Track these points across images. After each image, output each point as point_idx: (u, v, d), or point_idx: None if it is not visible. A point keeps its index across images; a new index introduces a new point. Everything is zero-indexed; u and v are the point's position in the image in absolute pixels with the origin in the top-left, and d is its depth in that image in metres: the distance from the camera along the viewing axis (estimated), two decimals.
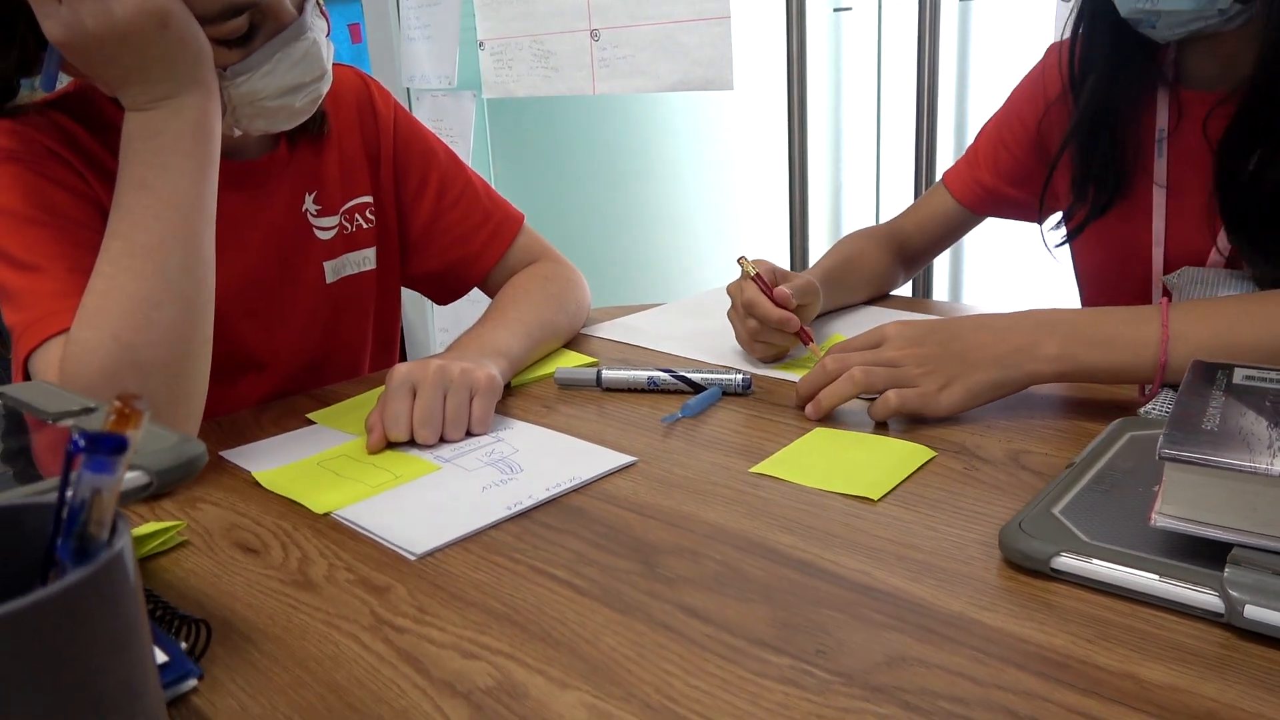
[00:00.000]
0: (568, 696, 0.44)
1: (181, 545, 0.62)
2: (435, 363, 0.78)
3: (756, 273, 0.90)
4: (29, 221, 0.76)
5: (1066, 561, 0.50)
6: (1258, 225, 0.80)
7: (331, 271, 0.98)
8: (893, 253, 1.12)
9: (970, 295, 1.86)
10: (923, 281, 1.77)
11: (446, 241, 1.05)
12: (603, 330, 1.07)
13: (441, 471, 0.70)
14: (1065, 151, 0.94)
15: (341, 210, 0.98)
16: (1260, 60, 0.76)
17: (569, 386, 0.88)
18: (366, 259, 1.01)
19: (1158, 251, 0.90)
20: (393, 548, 0.60)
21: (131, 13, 0.67)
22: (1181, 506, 0.49)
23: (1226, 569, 0.46)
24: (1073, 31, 0.92)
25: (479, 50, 2.14)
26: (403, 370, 0.77)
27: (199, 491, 0.70)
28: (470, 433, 0.77)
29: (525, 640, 0.49)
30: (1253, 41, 0.77)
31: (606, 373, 0.87)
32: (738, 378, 0.83)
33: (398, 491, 0.68)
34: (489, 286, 1.08)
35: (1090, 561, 0.50)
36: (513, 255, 1.07)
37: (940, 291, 1.84)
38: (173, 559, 0.60)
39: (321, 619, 0.52)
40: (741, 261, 0.92)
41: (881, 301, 1.13)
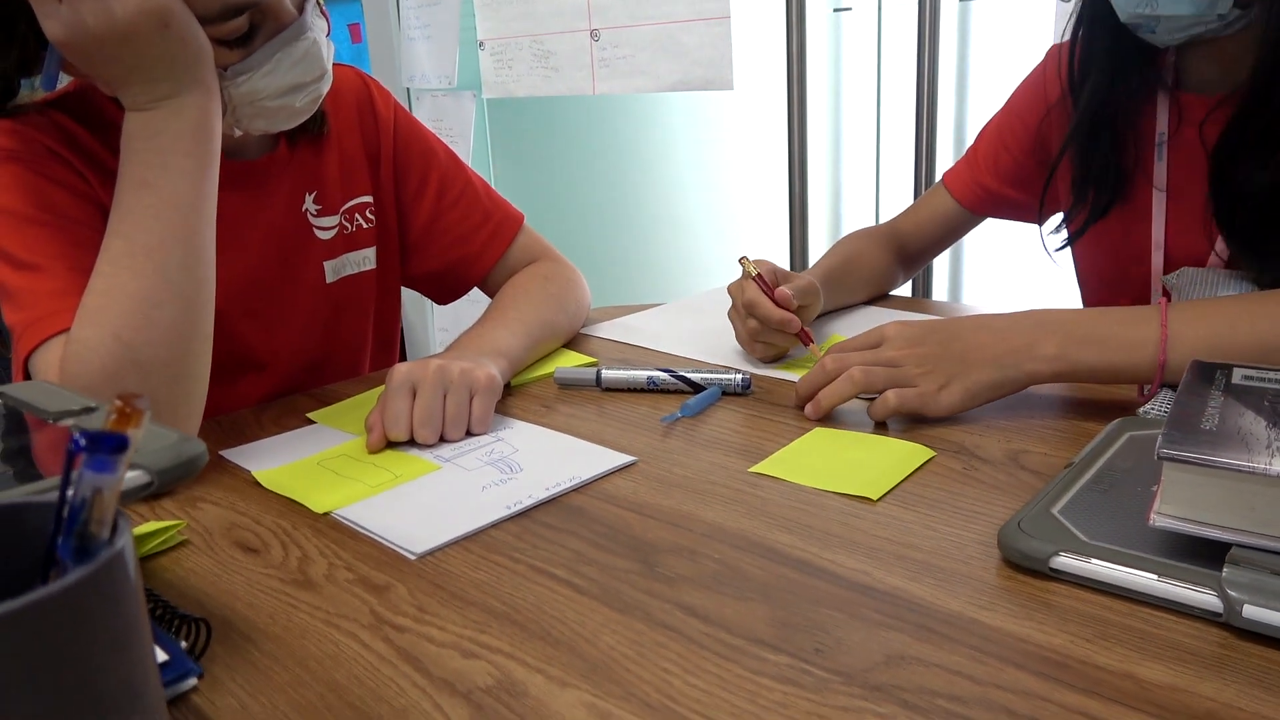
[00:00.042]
0: (567, 695, 0.45)
1: (181, 544, 0.62)
2: (435, 362, 0.78)
3: (758, 273, 0.90)
4: (29, 221, 0.76)
5: (1065, 561, 0.50)
6: (1252, 228, 0.80)
7: (331, 271, 0.98)
8: (892, 253, 1.12)
9: (970, 295, 1.86)
10: (922, 281, 1.77)
11: (446, 241, 1.05)
12: (602, 330, 1.07)
13: (441, 471, 0.71)
14: (1065, 154, 0.95)
15: (341, 210, 0.98)
16: (1258, 64, 0.77)
17: (569, 386, 0.89)
18: (366, 259, 1.01)
19: (1157, 255, 0.90)
20: (392, 547, 0.60)
21: (132, 12, 0.67)
22: (1180, 506, 0.49)
23: (1225, 569, 0.46)
24: (1072, 35, 0.92)
25: (479, 50, 2.14)
26: (403, 370, 0.77)
27: (199, 491, 0.70)
28: (470, 432, 0.77)
29: (525, 639, 0.49)
30: (1252, 46, 0.77)
31: (606, 372, 0.87)
32: (737, 378, 0.83)
33: (397, 491, 0.68)
34: (489, 286, 1.08)
35: (1089, 561, 0.50)
36: (512, 255, 1.07)
37: (940, 292, 1.84)
38: (173, 558, 0.61)
39: (321, 618, 0.53)
40: (743, 261, 0.92)
41: (881, 301, 1.13)
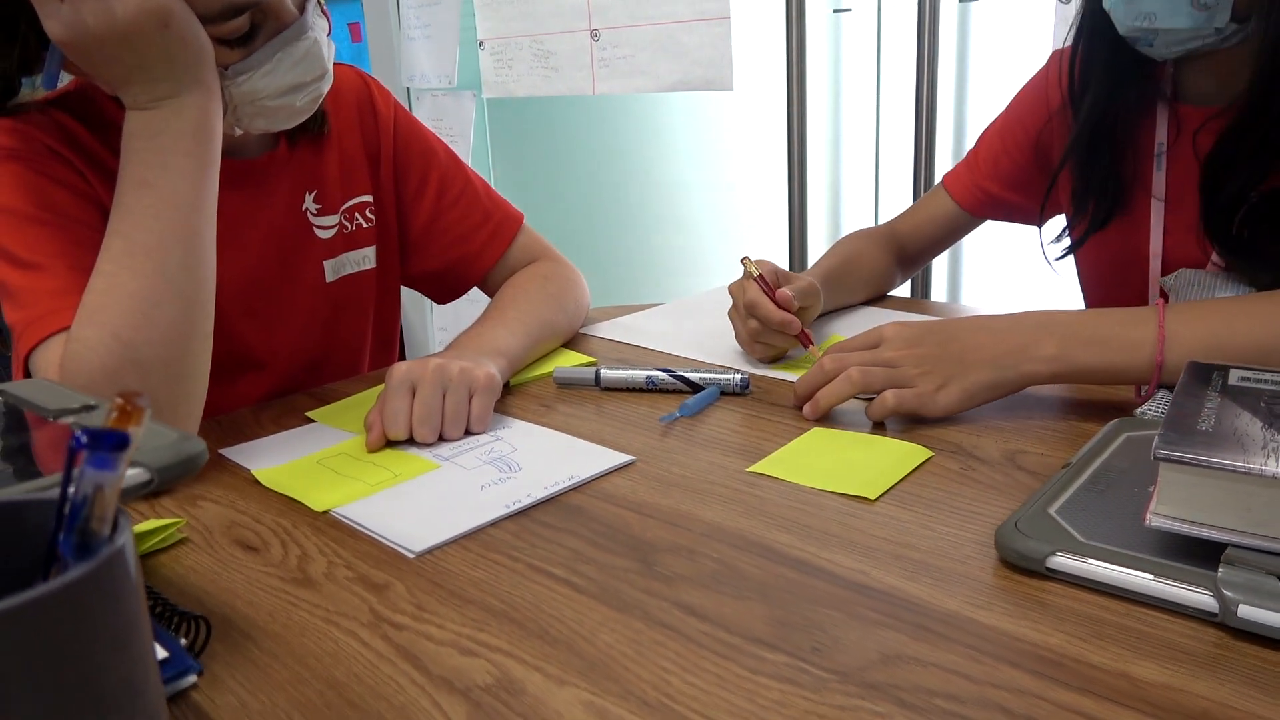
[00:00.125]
0: (565, 693, 0.45)
1: (181, 542, 0.63)
2: (434, 361, 0.78)
3: (759, 273, 0.91)
4: (30, 220, 0.76)
5: (1062, 561, 0.51)
6: (1245, 237, 0.81)
7: (331, 270, 0.98)
8: (891, 253, 1.12)
9: (969, 296, 1.86)
10: (921, 282, 1.77)
11: (446, 241, 1.05)
12: (601, 330, 1.07)
13: (440, 470, 0.71)
14: (1065, 164, 0.95)
15: (341, 209, 0.98)
16: (1254, 78, 0.77)
17: (568, 386, 0.89)
18: (366, 258, 1.01)
19: (1155, 264, 0.91)
20: (392, 545, 0.60)
21: (133, 12, 0.67)
22: (1176, 506, 0.49)
23: (1220, 569, 0.47)
24: (1073, 46, 0.92)
25: (479, 50, 2.14)
26: (402, 369, 0.77)
27: (199, 489, 0.70)
28: (469, 431, 0.77)
29: (523, 637, 0.49)
30: (1248, 59, 0.77)
31: (605, 372, 0.87)
32: (736, 377, 0.84)
33: (397, 490, 0.68)
34: (488, 286, 1.08)
35: (1085, 561, 0.50)
36: (512, 255, 1.07)
37: (939, 292, 1.84)
38: (172, 556, 0.61)
39: (321, 616, 0.53)
40: (744, 262, 0.92)
41: (880, 302, 1.13)
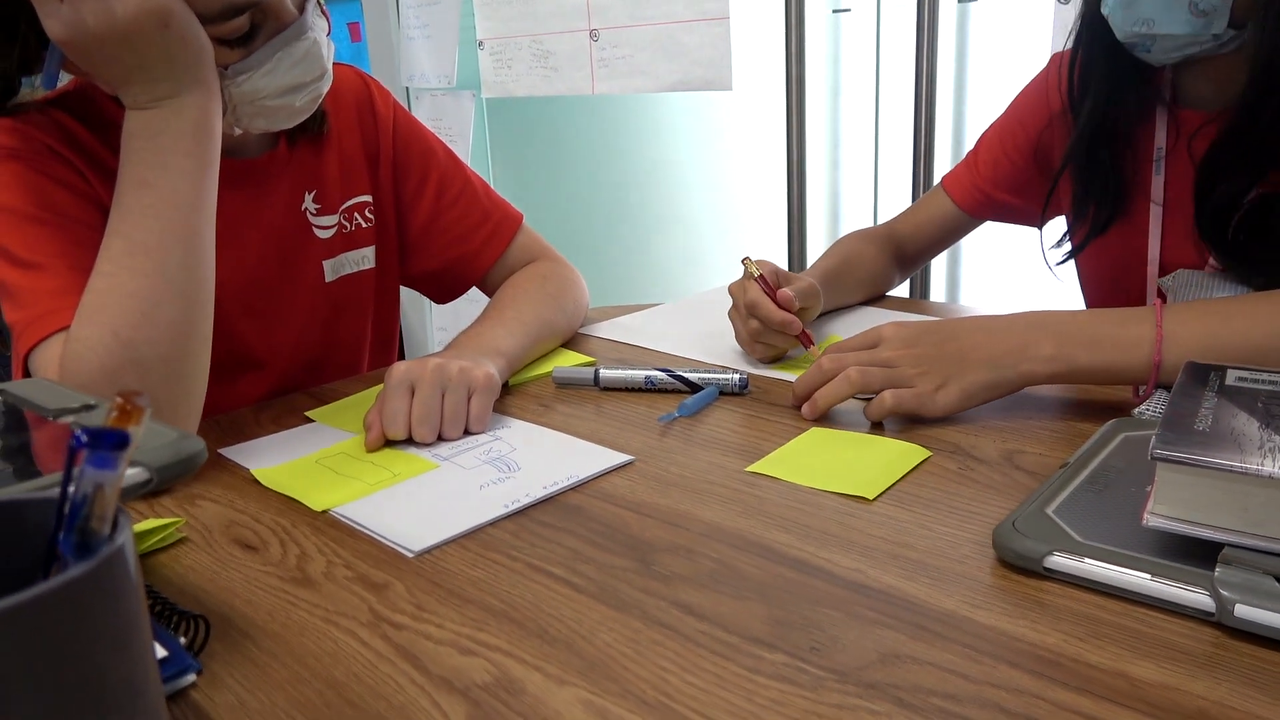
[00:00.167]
0: (564, 693, 0.45)
1: (180, 542, 0.63)
2: (433, 361, 0.78)
3: (760, 274, 0.91)
4: (30, 219, 0.76)
5: (1059, 561, 0.51)
6: (1238, 241, 0.81)
7: (330, 270, 0.98)
8: (890, 254, 1.13)
9: (967, 296, 1.86)
10: (920, 282, 1.78)
11: (445, 241, 1.05)
12: (600, 330, 1.07)
13: (439, 469, 0.71)
14: (1066, 169, 0.95)
15: (341, 209, 0.98)
16: (1249, 83, 0.77)
17: (566, 386, 0.89)
18: (365, 258, 1.02)
19: (1153, 268, 0.91)
20: (391, 545, 0.60)
21: (133, 12, 0.67)
22: (1173, 506, 0.49)
23: (1217, 568, 0.47)
24: (1072, 52, 0.92)
25: (478, 50, 2.14)
26: (401, 369, 0.77)
27: (198, 488, 0.70)
28: (468, 431, 0.77)
29: (522, 637, 0.49)
30: (1246, 64, 0.77)
31: (604, 372, 0.87)
32: (735, 377, 0.84)
33: (396, 489, 0.68)
34: (487, 286, 1.08)
35: (1083, 561, 0.50)
36: (511, 254, 1.07)
37: (937, 292, 1.85)
38: (172, 555, 0.61)
39: (320, 615, 0.53)
40: (746, 262, 0.93)
41: (879, 302, 1.14)
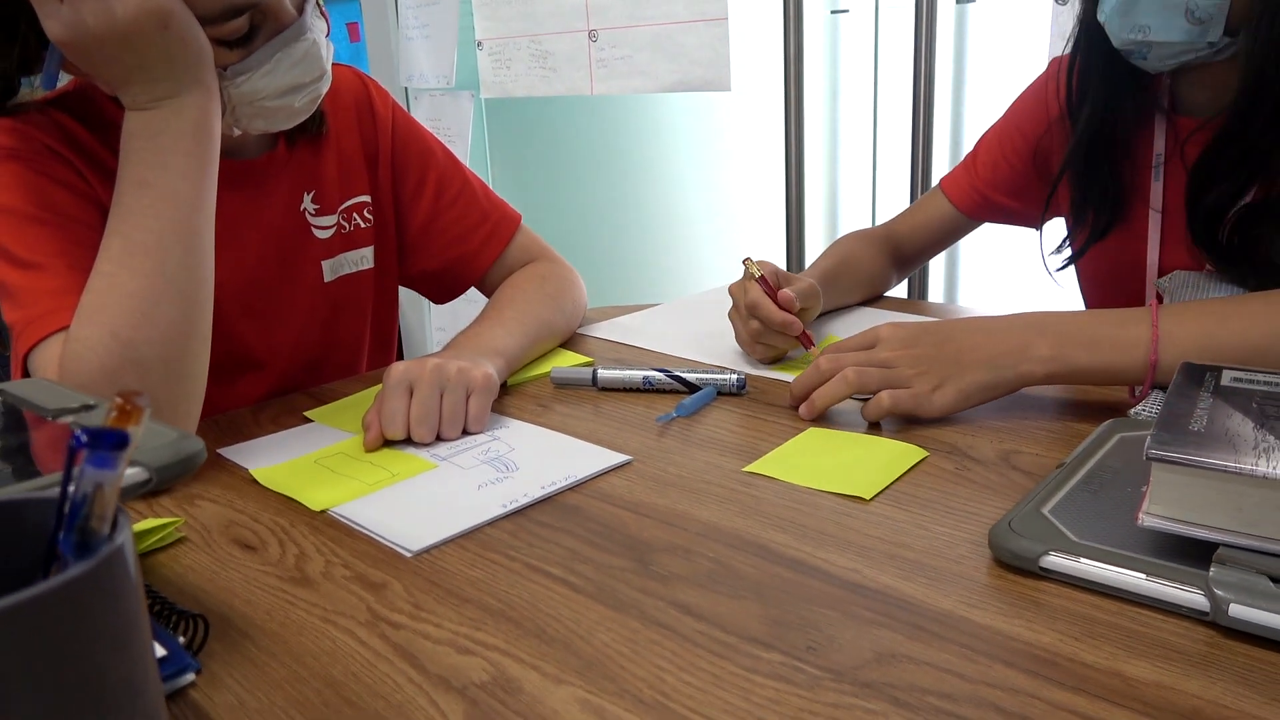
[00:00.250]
0: (562, 692, 0.45)
1: (179, 541, 0.63)
2: (432, 361, 0.78)
3: (761, 274, 0.91)
4: (29, 219, 0.76)
5: (1055, 560, 0.51)
6: (1231, 245, 0.82)
7: (329, 270, 0.98)
8: (888, 254, 1.13)
9: (965, 297, 1.86)
10: (918, 282, 1.78)
11: (444, 241, 1.06)
12: (599, 330, 1.07)
13: (438, 469, 0.71)
14: (1064, 175, 0.96)
15: (340, 209, 0.98)
16: (1240, 90, 0.77)
17: (565, 386, 0.89)
18: (364, 258, 1.02)
19: (1153, 274, 0.91)
20: (389, 544, 0.60)
21: (133, 12, 0.67)
22: (1168, 506, 0.50)
23: (1212, 568, 0.47)
24: (1070, 59, 0.93)
25: (477, 50, 2.15)
26: (400, 369, 0.77)
27: (197, 488, 0.70)
28: (467, 431, 0.78)
29: (520, 636, 0.50)
30: (1239, 72, 0.78)
31: (602, 372, 0.87)
32: (732, 378, 0.84)
33: (394, 489, 0.68)
34: (486, 286, 1.08)
35: (1078, 560, 0.50)
36: (510, 255, 1.07)
37: (936, 293, 1.85)
38: (171, 555, 0.61)
39: (318, 615, 0.53)
40: (746, 263, 0.93)
41: (877, 302, 1.14)
